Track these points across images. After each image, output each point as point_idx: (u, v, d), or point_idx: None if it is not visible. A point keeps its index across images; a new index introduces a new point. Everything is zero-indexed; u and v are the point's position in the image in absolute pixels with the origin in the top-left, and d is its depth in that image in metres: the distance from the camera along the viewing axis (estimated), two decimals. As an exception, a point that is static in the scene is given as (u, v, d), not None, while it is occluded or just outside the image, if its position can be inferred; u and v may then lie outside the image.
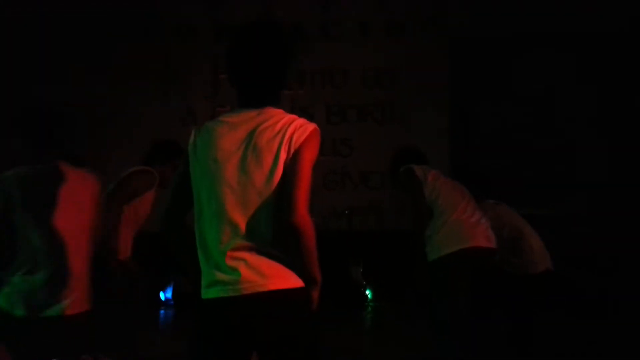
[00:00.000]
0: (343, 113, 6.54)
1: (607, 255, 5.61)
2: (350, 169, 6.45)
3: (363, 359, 4.13)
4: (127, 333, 3.47)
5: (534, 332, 3.70)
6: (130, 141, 6.10)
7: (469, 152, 6.06)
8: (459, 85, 6.26)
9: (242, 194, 1.78)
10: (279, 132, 1.80)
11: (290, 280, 1.76)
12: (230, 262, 1.75)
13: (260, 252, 1.76)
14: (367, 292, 6.36)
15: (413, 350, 4.11)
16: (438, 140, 6.13)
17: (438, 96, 6.32)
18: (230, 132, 1.84)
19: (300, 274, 1.78)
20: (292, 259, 1.77)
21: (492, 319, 3.68)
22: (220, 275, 1.75)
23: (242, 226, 1.76)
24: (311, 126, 1.84)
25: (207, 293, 1.80)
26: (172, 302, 6.24)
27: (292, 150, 1.78)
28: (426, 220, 3.26)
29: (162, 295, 6.26)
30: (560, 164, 6.04)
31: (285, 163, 1.78)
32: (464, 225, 3.20)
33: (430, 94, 6.30)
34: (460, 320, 3.14)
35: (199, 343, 1.81)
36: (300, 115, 1.88)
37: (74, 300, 2.36)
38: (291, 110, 1.93)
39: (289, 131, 1.80)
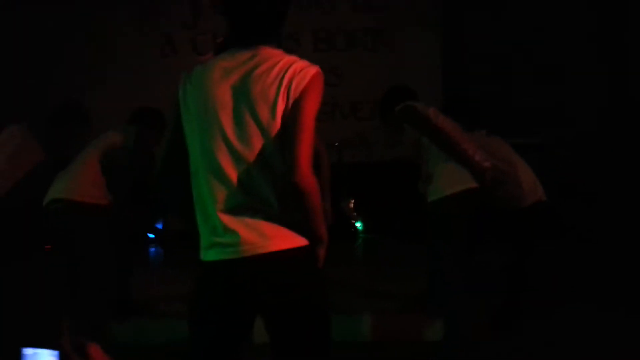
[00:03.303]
0: (331, 40, 6.25)
1: (595, 183, 5.52)
2: (339, 100, 6.22)
3: (356, 292, 4.08)
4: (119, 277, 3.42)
5: (530, 266, 3.62)
6: (105, 75, 5.88)
7: (461, 79, 5.83)
8: (453, 11, 5.97)
9: (237, 149, 1.59)
10: (275, 78, 1.58)
11: (293, 239, 1.60)
12: (229, 223, 1.59)
13: (260, 211, 1.59)
14: (358, 224, 6.31)
15: (406, 282, 4.07)
16: (430, 67, 5.93)
17: (430, 22, 6.04)
18: (224, 78, 1.62)
19: (303, 231, 1.62)
20: (294, 216, 1.60)
21: (486, 256, 3.60)
22: (219, 237, 1.60)
23: (240, 184, 1.59)
24: (312, 70, 1.60)
25: (206, 255, 1.64)
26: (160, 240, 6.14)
27: (291, 100, 1.57)
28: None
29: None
30: (555, 90, 5.84)
31: (284, 114, 1.57)
32: None
33: (423, 20, 6.03)
34: (460, 261, 3.04)
35: (198, 307, 1.67)
36: (285, 43, 1.68)
37: None
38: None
39: (287, 77, 1.58)
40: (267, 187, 1.59)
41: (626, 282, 4.06)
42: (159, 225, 6.08)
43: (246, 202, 1.59)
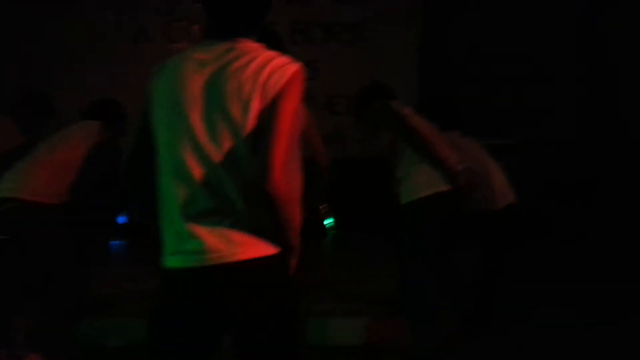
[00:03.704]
0: (308, 32, 6.13)
1: (576, 182, 5.53)
2: (315, 93, 6.11)
3: (327, 293, 4.01)
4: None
5: (501, 269, 3.59)
6: (78, 62, 5.69)
7: (438, 78, 5.77)
8: (432, 9, 5.90)
9: (205, 149, 1.47)
10: (252, 74, 1.46)
11: (262, 247, 1.48)
12: (194, 228, 1.47)
13: (228, 216, 1.47)
14: (330, 220, 6.23)
15: (377, 282, 4.02)
16: (407, 64, 5.85)
17: (410, 19, 5.95)
18: (197, 72, 1.50)
19: (273, 237, 1.50)
20: (264, 222, 1.48)
21: (457, 258, 3.57)
22: (183, 243, 1.48)
23: (206, 187, 1.47)
24: (293, 67, 1.49)
25: (169, 261, 1.52)
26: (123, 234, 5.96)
27: (268, 98, 1.45)
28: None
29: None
30: (532, 92, 5.83)
31: (259, 114, 1.45)
32: None
33: (402, 16, 5.94)
34: (431, 262, 3.00)
35: (159, 318, 1.54)
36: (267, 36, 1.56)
37: None
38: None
39: (264, 73, 1.45)
40: (236, 191, 1.47)
41: (606, 284, 4.07)
42: (123, 219, 5.91)
43: (213, 207, 1.48)
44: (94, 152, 3.05)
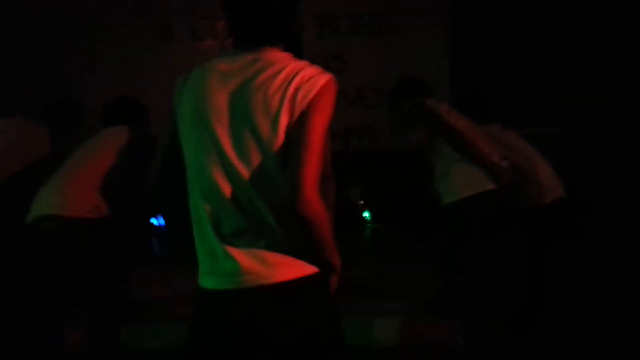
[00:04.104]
0: (335, 25, 6.02)
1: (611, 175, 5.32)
2: (344, 86, 5.99)
3: (365, 292, 3.93)
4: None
5: (550, 266, 3.44)
6: (99, 64, 5.65)
7: (470, 69, 5.59)
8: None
9: (234, 165, 1.40)
10: (280, 86, 1.38)
11: (300, 267, 1.41)
12: (227, 248, 1.41)
13: (262, 235, 1.41)
14: (366, 214, 6.14)
15: (417, 281, 3.91)
16: (437, 55, 5.68)
17: (438, 8, 5.77)
18: (222, 84, 1.43)
19: (310, 257, 1.43)
20: (300, 240, 1.41)
21: (501, 258, 3.44)
22: (218, 263, 1.42)
23: (237, 205, 1.41)
24: (324, 78, 1.41)
25: (204, 281, 1.47)
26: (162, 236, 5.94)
27: (296, 112, 1.37)
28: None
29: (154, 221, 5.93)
30: (566, 80, 5.60)
31: (288, 129, 1.37)
32: None
33: (431, 6, 5.77)
34: (476, 263, 2.89)
35: (195, 338, 1.49)
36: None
37: None
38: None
39: (293, 85, 1.38)
40: (268, 210, 1.40)
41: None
42: (159, 221, 5.88)
43: (246, 226, 1.41)
44: (129, 159, 2.97)
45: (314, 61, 1.49)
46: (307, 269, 1.42)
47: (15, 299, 2.83)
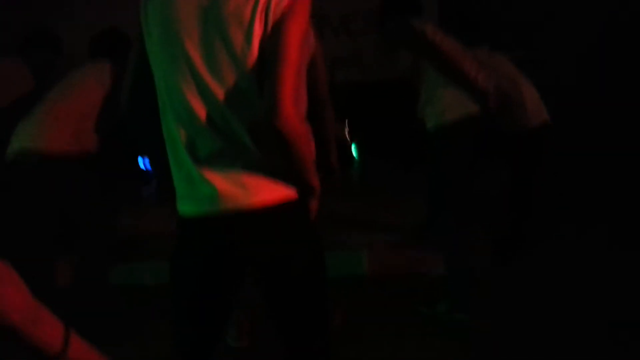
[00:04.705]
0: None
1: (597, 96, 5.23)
2: (329, 12, 5.78)
3: (353, 224, 3.93)
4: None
5: (533, 190, 3.44)
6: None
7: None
8: None
9: (207, 83, 1.32)
10: None
11: (279, 190, 1.36)
12: (204, 172, 1.35)
13: (239, 157, 1.34)
14: (353, 148, 6.08)
15: (404, 212, 3.91)
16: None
17: None
18: None
19: (290, 179, 1.37)
20: (280, 163, 1.35)
21: (488, 183, 3.42)
22: (194, 187, 1.36)
23: (212, 126, 1.33)
24: None
25: (182, 206, 1.42)
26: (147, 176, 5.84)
27: (270, 22, 1.29)
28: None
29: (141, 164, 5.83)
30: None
31: (261, 40, 1.29)
32: None
33: None
34: (460, 187, 2.85)
35: (179, 264, 1.46)
36: None
37: None
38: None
39: None
40: (245, 130, 1.33)
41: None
42: (144, 161, 5.78)
43: (222, 148, 1.34)
44: (110, 94, 2.87)
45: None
46: (287, 192, 1.37)
47: (2, 234, 2.79)
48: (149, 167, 5.66)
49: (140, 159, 5.58)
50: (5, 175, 2.82)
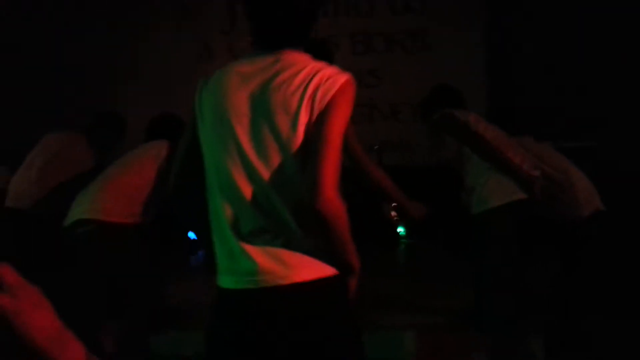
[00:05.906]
0: (369, 42, 6.08)
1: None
2: (378, 101, 6.05)
3: (398, 306, 3.92)
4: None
5: (585, 282, 3.37)
6: (140, 82, 5.82)
7: (507, 86, 5.54)
8: (497, 12, 5.69)
9: (254, 165, 1.43)
10: (299, 86, 1.41)
11: (318, 269, 1.42)
12: (246, 248, 1.43)
13: (280, 235, 1.43)
14: (400, 229, 6.12)
15: (452, 296, 3.88)
16: (473, 71, 5.67)
17: (473, 23, 5.79)
18: (242, 85, 1.46)
19: (329, 258, 1.44)
20: (317, 242, 1.43)
21: (537, 271, 3.38)
22: (236, 262, 1.45)
23: (256, 205, 1.43)
24: (342, 77, 1.43)
25: (222, 281, 1.50)
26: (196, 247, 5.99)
27: (315, 111, 1.40)
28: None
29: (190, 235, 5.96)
30: (604, 96, 5.48)
31: (307, 128, 1.40)
32: None
33: (466, 21, 5.79)
34: (507, 277, 2.85)
35: (214, 337, 1.53)
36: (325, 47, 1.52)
37: None
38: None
39: (312, 85, 1.41)
40: (287, 210, 1.43)
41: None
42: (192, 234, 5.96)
43: (264, 226, 1.44)
44: (164, 169, 3.06)
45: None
46: (326, 270, 1.44)
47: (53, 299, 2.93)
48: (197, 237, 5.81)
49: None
50: (60, 244, 3.00)
